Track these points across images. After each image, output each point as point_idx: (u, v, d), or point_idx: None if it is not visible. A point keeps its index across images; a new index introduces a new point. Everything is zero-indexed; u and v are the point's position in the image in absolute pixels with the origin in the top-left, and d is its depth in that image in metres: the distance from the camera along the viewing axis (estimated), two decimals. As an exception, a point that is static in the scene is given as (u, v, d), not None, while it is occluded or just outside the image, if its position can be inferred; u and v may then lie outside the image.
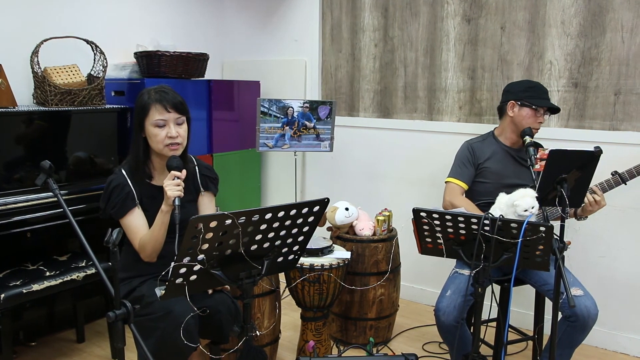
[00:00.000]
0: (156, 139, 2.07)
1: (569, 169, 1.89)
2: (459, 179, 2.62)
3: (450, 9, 3.27)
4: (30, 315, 2.90)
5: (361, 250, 2.88)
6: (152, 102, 2.07)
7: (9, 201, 2.55)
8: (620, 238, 2.91)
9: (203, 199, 2.28)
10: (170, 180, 1.97)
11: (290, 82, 3.95)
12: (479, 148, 2.64)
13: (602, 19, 2.84)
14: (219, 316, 2.02)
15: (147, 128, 2.08)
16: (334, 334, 3.01)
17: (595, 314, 2.23)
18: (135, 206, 2.10)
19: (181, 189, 1.98)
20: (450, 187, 2.64)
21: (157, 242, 2.05)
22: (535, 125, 2.48)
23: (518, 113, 2.53)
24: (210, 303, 2.02)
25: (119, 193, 2.08)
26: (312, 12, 3.80)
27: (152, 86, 2.15)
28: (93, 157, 3.00)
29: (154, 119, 2.06)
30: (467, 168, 2.63)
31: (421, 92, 3.45)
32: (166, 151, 2.09)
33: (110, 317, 1.42)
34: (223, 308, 2.03)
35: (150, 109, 2.06)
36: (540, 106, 2.48)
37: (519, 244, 1.78)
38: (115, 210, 2.08)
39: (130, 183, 2.10)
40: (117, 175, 2.12)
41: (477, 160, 2.62)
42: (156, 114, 2.06)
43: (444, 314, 2.29)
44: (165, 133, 2.06)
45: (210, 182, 2.30)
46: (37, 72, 2.84)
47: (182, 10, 3.93)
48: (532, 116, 2.49)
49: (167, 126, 2.07)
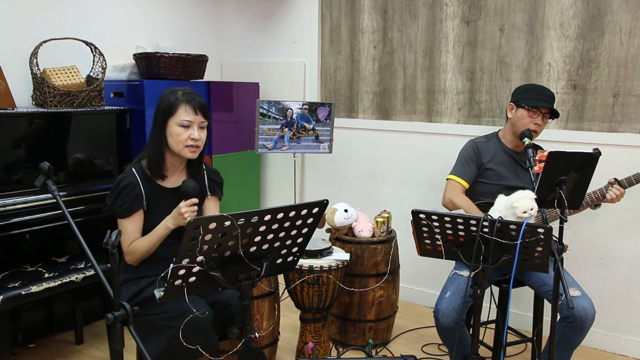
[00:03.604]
0: (178, 139, 2.08)
1: (568, 170, 1.89)
2: (460, 177, 2.63)
3: (449, 11, 3.28)
4: (29, 317, 2.89)
5: (360, 252, 2.88)
6: (181, 102, 2.08)
7: (7, 202, 2.54)
8: (619, 239, 2.91)
9: (209, 203, 2.29)
10: (189, 207, 1.99)
11: (290, 83, 3.95)
12: (483, 148, 2.65)
13: (601, 21, 2.84)
14: (230, 309, 2.04)
15: (171, 126, 2.09)
16: (333, 335, 3.01)
17: (592, 315, 2.24)
18: (141, 208, 2.10)
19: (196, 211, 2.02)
20: (451, 184, 2.64)
21: (149, 252, 2.09)
22: (531, 126, 2.47)
23: (514, 114, 2.55)
24: (220, 297, 2.05)
25: (128, 193, 2.08)
26: (311, 14, 3.80)
27: (177, 87, 2.18)
28: (92, 158, 3.00)
29: (180, 119, 2.07)
30: (469, 167, 2.63)
31: (420, 94, 3.45)
32: (185, 152, 2.11)
33: (109, 319, 1.42)
34: (233, 302, 2.05)
35: (178, 109, 2.08)
36: (533, 106, 2.47)
37: (518, 245, 1.78)
38: (122, 209, 2.08)
39: (141, 183, 2.11)
40: (127, 174, 2.12)
41: (481, 159, 2.63)
42: (183, 114, 2.08)
43: (443, 315, 2.29)
44: (189, 134, 2.08)
45: (216, 186, 2.32)
46: (36, 73, 2.84)
47: (181, 12, 3.93)
48: (527, 117, 2.49)
49: (192, 128, 2.09)
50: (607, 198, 2.43)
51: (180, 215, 1.99)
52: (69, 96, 2.88)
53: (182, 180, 2.09)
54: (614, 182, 2.44)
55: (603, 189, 2.45)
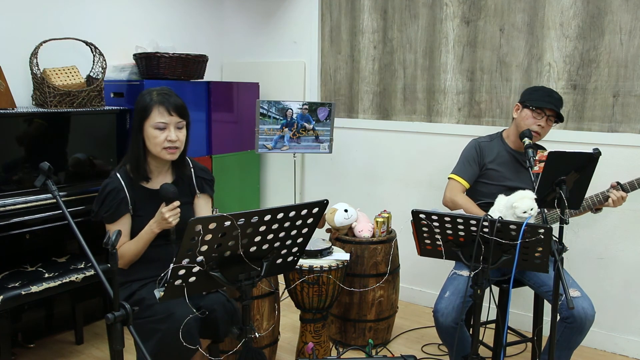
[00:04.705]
0: (155, 141, 2.07)
1: (568, 170, 1.89)
2: (461, 177, 2.62)
3: (449, 11, 3.28)
4: (29, 317, 2.89)
5: (360, 252, 2.88)
6: (155, 104, 2.06)
7: (7, 202, 2.54)
8: (619, 239, 2.91)
9: (199, 201, 2.28)
10: (171, 211, 1.99)
11: (290, 83, 3.95)
12: (486, 148, 2.64)
13: (601, 21, 2.84)
14: (214, 315, 2.02)
15: (147, 129, 2.07)
16: (333, 335, 3.01)
17: (592, 315, 2.23)
18: (127, 212, 2.10)
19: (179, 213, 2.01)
20: (452, 183, 2.64)
21: (137, 255, 2.09)
22: (533, 127, 2.45)
23: (519, 115, 2.53)
24: (205, 303, 2.02)
25: (113, 198, 2.08)
26: (311, 14, 3.80)
27: (153, 87, 2.14)
28: (92, 158, 3.00)
29: (155, 121, 2.05)
30: (471, 167, 2.62)
31: (420, 94, 3.45)
32: (163, 154, 2.09)
33: (109, 319, 1.42)
34: (218, 307, 2.03)
35: (152, 111, 2.05)
36: (538, 107, 2.46)
37: (518, 245, 1.78)
38: (108, 214, 2.08)
39: (125, 188, 2.10)
40: (112, 180, 2.12)
41: (483, 160, 2.62)
42: (158, 116, 2.05)
43: (442, 315, 2.29)
44: (165, 136, 2.06)
45: (205, 184, 2.29)
46: (36, 73, 2.84)
47: (181, 12, 3.93)
48: (531, 117, 2.47)
49: (168, 129, 2.07)
50: (609, 201, 2.40)
51: (164, 220, 1.99)
52: (69, 96, 2.88)
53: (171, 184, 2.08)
54: (616, 186, 2.42)
55: (605, 192, 2.42)
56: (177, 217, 2.00)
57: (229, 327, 2.03)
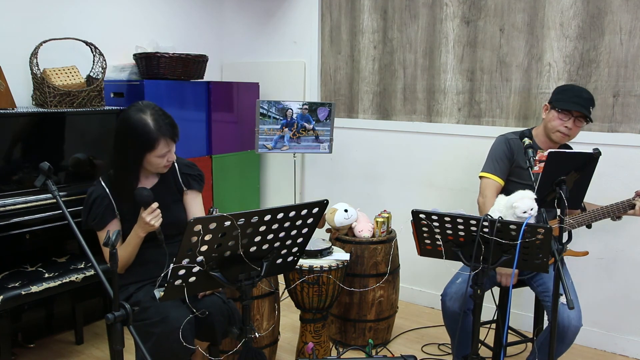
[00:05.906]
0: (156, 166, 2.10)
1: (568, 170, 1.89)
2: (494, 174, 2.50)
3: (449, 11, 3.28)
4: (29, 317, 2.89)
5: (360, 252, 2.88)
6: (161, 137, 2.04)
7: (7, 202, 2.54)
8: (619, 239, 2.91)
9: (187, 197, 2.28)
10: (151, 214, 1.99)
11: (290, 83, 3.95)
12: (515, 143, 2.52)
13: (601, 21, 2.84)
14: (210, 318, 2.02)
15: (149, 158, 2.07)
16: (333, 335, 3.01)
17: (575, 327, 2.16)
18: (114, 218, 2.11)
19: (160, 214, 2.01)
20: (484, 183, 2.51)
21: (129, 260, 2.10)
22: (561, 129, 2.38)
23: (547, 115, 2.46)
24: (201, 305, 2.02)
25: (99, 205, 2.10)
26: (311, 14, 3.80)
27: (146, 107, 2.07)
28: (92, 158, 3.00)
29: (161, 153, 2.06)
30: (503, 162, 2.50)
31: (420, 94, 3.45)
32: (161, 170, 2.14)
33: (109, 319, 1.43)
34: (214, 309, 2.03)
35: (159, 144, 2.04)
36: (564, 109, 2.36)
37: (518, 245, 1.78)
38: (95, 222, 2.10)
39: (110, 194, 2.11)
40: (96, 187, 2.13)
41: (513, 155, 2.50)
42: (164, 148, 2.06)
43: (450, 299, 2.29)
44: (166, 159, 2.09)
45: (192, 180, 2.28)
46: (36, 73, 2.84)
47: (181, 12, 3.93)
48: (557, 119, 2.38)
49: (170, 152, 2.10)
50: (635, 209, 2.31)
51: (146, 224, 1.99)
52: (69, 96, 2.88)
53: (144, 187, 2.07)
54: None
55: (631, 200, 2.35)
56: (158, 219, 2.00)
57: (226, 329, 2.04)
